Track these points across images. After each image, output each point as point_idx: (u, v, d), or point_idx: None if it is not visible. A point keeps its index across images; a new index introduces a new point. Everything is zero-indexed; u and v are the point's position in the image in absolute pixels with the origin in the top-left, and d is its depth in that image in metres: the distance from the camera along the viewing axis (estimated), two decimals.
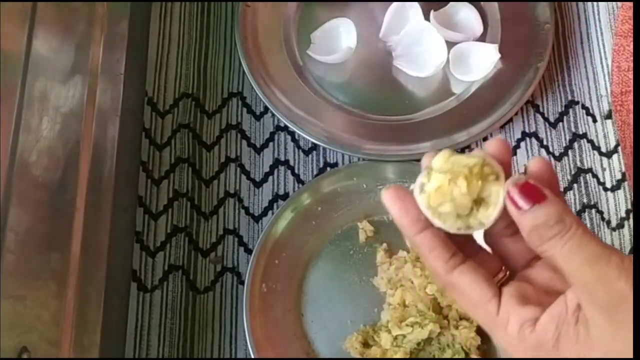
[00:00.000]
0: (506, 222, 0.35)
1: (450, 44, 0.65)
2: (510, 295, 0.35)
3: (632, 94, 0.63)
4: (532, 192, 0.33)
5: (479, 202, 0.34)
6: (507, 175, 0.35)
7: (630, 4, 0.66)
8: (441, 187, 0.34)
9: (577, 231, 0.32)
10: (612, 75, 0.65)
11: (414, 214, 0.35)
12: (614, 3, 0.69)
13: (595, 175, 0.63)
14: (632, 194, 0.61)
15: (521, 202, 0.33)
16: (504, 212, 0.34)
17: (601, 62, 0.67)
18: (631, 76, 0.63)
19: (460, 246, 0.36)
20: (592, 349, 0.32)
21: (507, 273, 0.38)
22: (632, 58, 0.64)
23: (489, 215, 0.34)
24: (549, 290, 0.35)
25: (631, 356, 0.32)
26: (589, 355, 0.32)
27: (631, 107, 0.63)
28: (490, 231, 0.37)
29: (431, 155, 0.36)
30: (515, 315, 0.34)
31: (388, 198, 0.36)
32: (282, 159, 0.64)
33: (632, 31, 0.64)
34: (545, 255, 0.33)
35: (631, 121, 0.62)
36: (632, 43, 0.64)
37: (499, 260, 0.38)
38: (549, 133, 0.65)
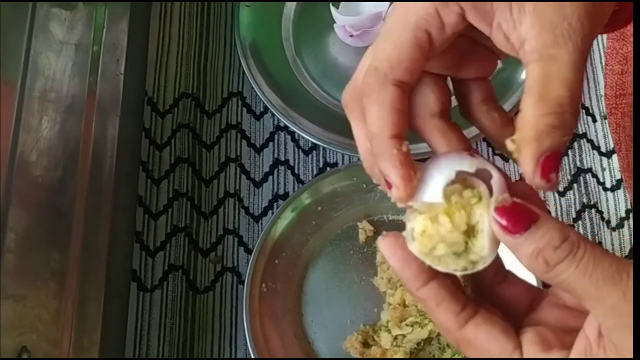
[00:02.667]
0: (494, 269, 0.32)
1: None
2: (532, 343, 0.30)
3: (625, 97, 0.63)
4: (523, 213, 0.28)
5: (474, 232, 0.30)
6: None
7: None
8: (426, 230, 0.30)
9: (587, 247, 0.28)
10: (605, 78, 0.65)
11: (417, 265, 0.31)
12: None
13: (595, 175, 0.63)
14: (633, 194, 0.62)
15: (513, 227, 0.28)
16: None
17: (601, 62, 0.67)
18: (625, 79, 0.63)
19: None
20: None
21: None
22: (624, 61, 0.63)
23: (482, 246, 0.30)
24: (564, 328, 0.31)
25: None
26: None
27: (625, 109, 0.62)
28: (480, 282, 0.33)
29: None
30: None
31: (386, 248, 0.31)
32: (282, 158, 0.64)
33: (623, 34, 0.64)
34: (556, 282, 0.29)
35: (626, 124, 0.62)
36: (624, 46, 0.63)
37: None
38: None
